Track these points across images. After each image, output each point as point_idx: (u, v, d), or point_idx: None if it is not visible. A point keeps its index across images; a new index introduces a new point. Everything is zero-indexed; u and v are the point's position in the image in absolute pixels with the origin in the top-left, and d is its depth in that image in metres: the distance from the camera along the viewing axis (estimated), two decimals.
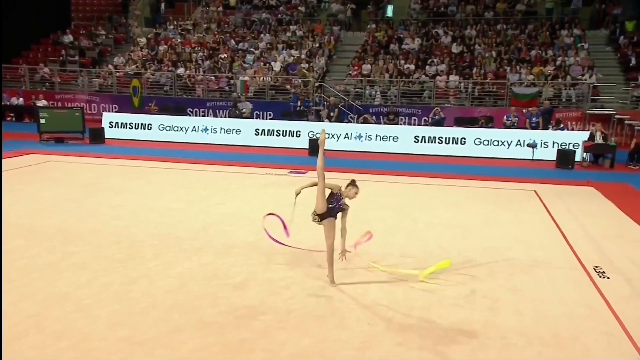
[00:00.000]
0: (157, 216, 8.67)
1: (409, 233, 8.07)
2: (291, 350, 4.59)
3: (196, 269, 6.43)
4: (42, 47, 23.98)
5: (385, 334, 4.90)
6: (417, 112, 19.05)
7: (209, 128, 17.18)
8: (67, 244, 7.10)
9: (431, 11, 23.82)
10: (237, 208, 9.39)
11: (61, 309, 5.23)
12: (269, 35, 23.72)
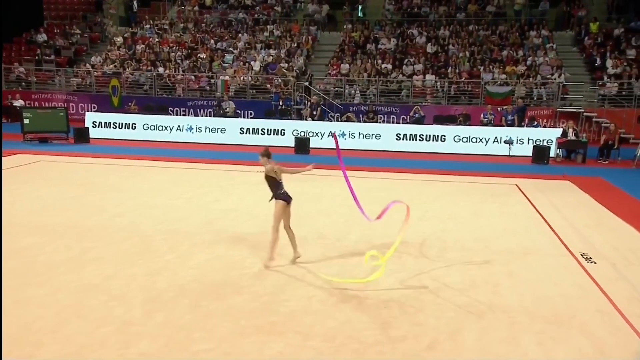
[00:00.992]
0: (160, 213, 8.95)
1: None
2: (319, 330, 5.01)
3: (213, 260, 6.79)
4: (15, 46, 23.67)
5: (401, 316, 5.36)
6: (395, 110, 19.61)
7: (194, 127, 17.39)
8: (82, 240, 7.35)
9: (405, 12, 24.45)
10: (235, 204, 9.76)
11: (95, 299, 5.53)
12: (246, 35, 23.97)
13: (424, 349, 4.70)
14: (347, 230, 8.20)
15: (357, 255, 7.04)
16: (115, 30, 25.18)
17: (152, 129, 17.55)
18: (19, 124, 18.33)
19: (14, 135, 16.08)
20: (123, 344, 4.66)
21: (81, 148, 15.27)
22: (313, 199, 10.19)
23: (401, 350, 4.67)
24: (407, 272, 6.54)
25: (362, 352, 4.64)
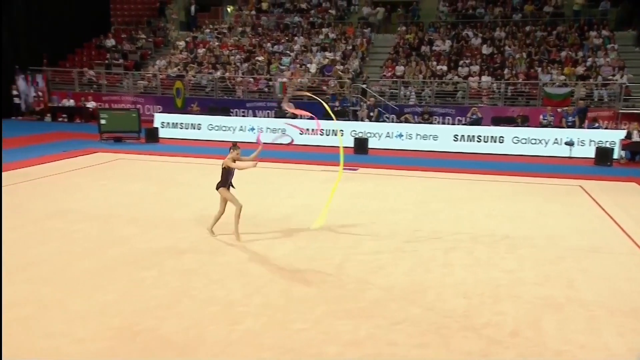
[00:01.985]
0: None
1: (473, 223, 8.81)
2: (405, 316, 5.40)
3: (296, 251, 7.27)
4: (86, 51, 24.98)
5: (481, 306, 5.69)
6: (451, 111, 19.75)
7: (256, 127, 18.02)
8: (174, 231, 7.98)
9: (460, 13, 24.50)
10: (307, 200, 10.20)
11: (198, 282, 6.09)
12: (302, 38, 24.53)
13: (507, 336, 5.02)
14: (418, 227, 8.52)
15: (430, 250, 7.40)
16: (177, 35, 26.22)
17: (216, 129, 18.29)
18: (91, 124, 19.62)
19: (91, 135, 17.09)
20: (231, 321, 5.18)
21: (152, 147, 16.09)
22: (378, 196, 10.54)
23: (485, 336, 5.00)
24: (481, 266, 6.84)
25: (448, 336, 4.99)
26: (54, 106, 21.65)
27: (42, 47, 22.46)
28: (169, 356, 4.56)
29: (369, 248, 7.46)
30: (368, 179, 12.29)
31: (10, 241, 7.27)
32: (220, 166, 7.75)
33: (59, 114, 21.35)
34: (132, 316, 5.24)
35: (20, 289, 5.74)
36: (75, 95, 22.14)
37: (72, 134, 17.79)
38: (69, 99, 21.84)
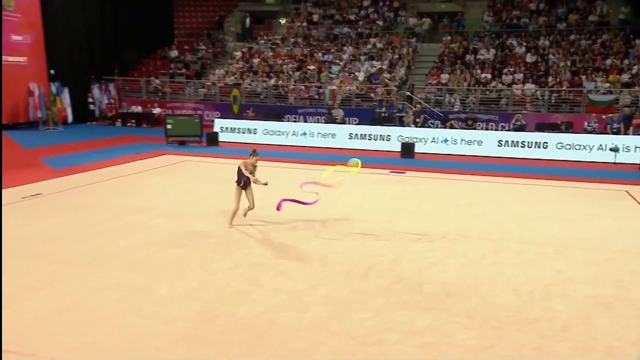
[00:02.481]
0: (296, 207, 9.69)
1: (520, 225, 8.80)
2: (459, 310, 5.53)
3: (353, 248, 7.47)
4: (152, 62, 25.91)
5: (531, 302, 5.76)
6: (494, 118, 19.54)
7: (307, 132, 18.33)
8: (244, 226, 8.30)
9: (504, 23, 24.19)
10: (358, 201, 10.39)
11: (266, 273, 6.37)
12: (351, 47, 24.72)
13: (559, 330, 5.09)
14: (467, 228, 8.58)
15: (480, 249, 7.47)
16: (235, 46, 26.83)
17: (271, 134, 18.67)
18: (156, 128, 20.38)
19: (157, 139, 17.76)
20: (299, 309, 5.44)
21: (213, 150, 16.59)
22: (426, 198, 10.61)
23: (537, 330, 5.08)
24: (530, 266, 6.87)
25: (501, 329, 5.10)
26: (124, 112, 22.55)
27: (114, 59, 23.46)
28: (246, 338, 4.84)
29: (421, 246, 7.58)
30: (415, 182, 12.36)
31: (98, 234, 7.79)
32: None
33: (128, 119, 22.22)
34: (210, 302, 5.56)
35: (113, 275, 6.18)
36: (142, 102, 23.01)
37: (140, 138, 18.52)
38: (137, 105, 22.72)
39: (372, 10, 27.03)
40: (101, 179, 11.56)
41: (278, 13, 28.77)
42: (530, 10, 24.12)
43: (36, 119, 19.40)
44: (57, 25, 20.26)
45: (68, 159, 13.94)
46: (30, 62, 19.09)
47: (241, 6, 29.09)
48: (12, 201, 9.42)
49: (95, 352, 4.52)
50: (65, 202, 9.58)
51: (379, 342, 4.81)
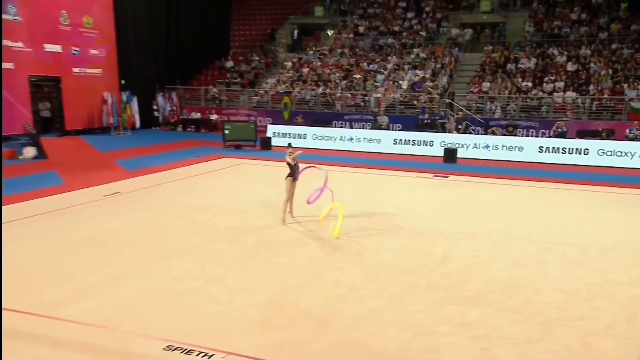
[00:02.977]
0: (352, 209, 9.84)
1: (563, 228, 8.75)
2: (506, 306, 5.64)
3: (402, 246, 7.65)
4: (209, 72, 26.67)
5: (575, 301, 5.81)
6: (535, 125, 19.22)
7: (354, 138, 18.55)
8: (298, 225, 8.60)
9: (545, 33, 23.70)
10: (405, 203, 10.50)
11: (324, 268, 6.63)
12: (395, 57, 24.76)
13: (604, 328, 5.13)
14: (511, 230, 8.60)
15: (524, 250, 7.51)
16: (285, 56, 27.28)
17: (319, 139, 18.98)
18: (214, 133, 21.02)
19: (215, 143, 18.34)
20: (357, 301, 5.67)
21: (266, 154, 17.02)
22: (470, 201, 10.64)
23: (583, 327, 5.14)
24: (573, 266, 6.88)
25: (547, 324, 5.19)
26: (185, 118, 23.33)
27: (176, 70, 24.32)
28: (311, 326, 5.10)
29: (467, 246, 7.68)
30: (459, 186, 12.38)
31: (172, 229, 8.24)
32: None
33: (188, 125, 22.97)
34: (276, 292, 5.87)
35: (189, 266, 6.58)
36: (201, 109, 23.75)
37: (199, 142, 19.14)
38: (196, 112, 23.47)
39: (415, 21, 26.99)
40: (169, 180, 12.11)
41: (326, 25, 29.04)
42: (571, 20, 23.55)
43: (108, 125, 20.32)
44: (128, 40, 21.19)
45: (138, 161, 14.62)
46: (105, 73, 20.05)
47: (291, 19, 29.53)
48: (96, 198, 10.05)
49: (181, 333, 4.88)
50: (141, 200, 10.13)
51: (432, 333, 4.99)
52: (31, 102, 17.32)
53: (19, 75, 16.56)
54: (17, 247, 7.14)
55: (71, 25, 18.35)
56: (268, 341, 4.80)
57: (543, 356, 4.59)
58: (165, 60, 23.80)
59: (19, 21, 16.32)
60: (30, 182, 11.55)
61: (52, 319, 5.10)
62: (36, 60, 17.15)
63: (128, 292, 5.79)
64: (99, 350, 4.61)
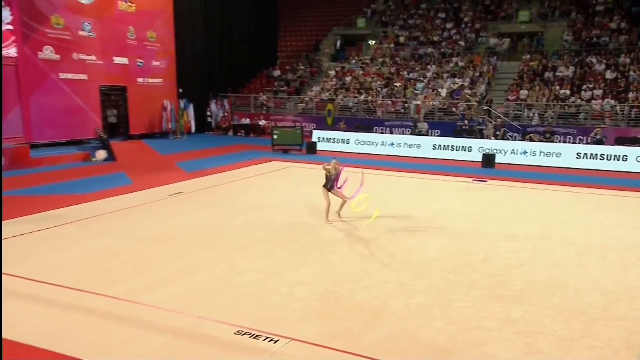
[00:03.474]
0: (391, 209, 10.05)
1: (603, 232, 8.64)
2: (549, 304, 5.69)
3: (445, 246, 7.75)
4: (258, 80, 27.29)
5: (618, 302, 5.79)
6: (572, 131, 18.82)
7: (395, 143, 18.63)
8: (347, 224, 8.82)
9: (583, 42, 23.12)
10: (446, 205, 10.54)
11: (371, 265, 6.83)
12: (434, 66, 24.68)
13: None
14: (551, 233, 8.56)
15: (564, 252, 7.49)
16: (329, 66, 27.59)
17: (362, 144, 19.15)
18: (262, 138, 21.51)
19: (263, 147, 18.77)
20: (405, 296, 5.84)
21: (312, 157, 17.25)
22: (509, 205, 10.60)
23: (624, 326, 5.15)
24: (614, 269, 6.83)
25: (589, 323, 5.22)
26: (235, 124, 23.95)
27: (228, 78, 25.01)
28: (364, 317, 5.32)
29: (508, 247, 7.71)
30: (497, 190, 12.32)
31: (232, 227, 8.61)
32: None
33: (238, 130, 23.57)
34: (331, 286, 6.11)
35: (251, 261, 6.90)
36: (250, 115, 24.34)
37: (249, 146, 19.63)
38: (246, 118, 24.07)
39: (454, 31, 26.80)
40: (225, 181, 12.57)
41: (368, 36, 29.18)
42: (611, 29, 22.90)
43: (167, 130, 21.13)
44: (186, 52, 21.98)
45: (196, 163, 15.18)
46: (165, 82, 20.85)
47: (335, 30, 29.84)
48: (162, 198, 10.57)
49: (248, 320, 5.18)
50: (201, 200, 10.57)
51: (478, 328, 5.12)
52: (101, 109, 18.21)
53: (91, 86, 17.46)
54: (99, 240, 7.67)
55: (137, 39, 19.21)
56: (326, 330, 5.04)
57: (586, 352, 4.65)
58: (218, 70, 24.52)
59: (93, 37, 17.22)
60: (103, 182, 12.24)
61: (137, 304, 5.51)
62: (106, 71, 18.03)
63: (199, 283, 6.16)
64: (177, 332, 4.97)
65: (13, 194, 10.69)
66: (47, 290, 5.83)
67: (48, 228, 8.20)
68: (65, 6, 16.14)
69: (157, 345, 4.73)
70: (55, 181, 12.23)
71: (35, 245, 7.37)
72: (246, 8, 25.69)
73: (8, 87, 14.48)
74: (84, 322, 5.11)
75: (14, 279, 6.08)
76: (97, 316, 5.25)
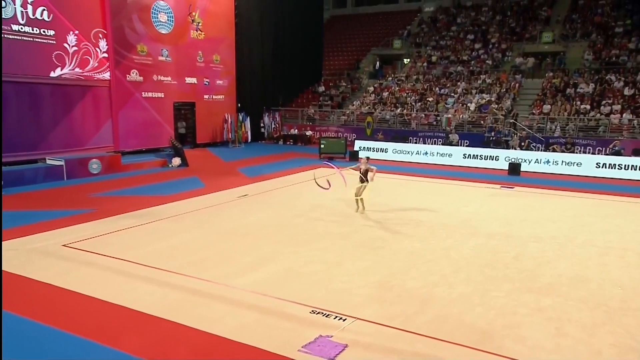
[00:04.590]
0: (432, 211, 10.38)
1: (621, 235, 8.74)
2: (574, 296, 5.97)
3: (479, 245, 8.05)
4: (305, 95, 28.00)
5: (636, 296, 6.01)
6: (592, 143, 18.56)
7: (428, 152, 18.86)
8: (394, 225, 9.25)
9: (603, 61, 22.69)
10: (477, 209, 10.74)
11: (415, 261, 7.24)
12: (464, 83, 24.72)
13: None
14: (574, 235, 8.74)
15: (586, 253, 7.69)
16: (368, 82, 28.00)
17: (398, 153, 19.46)
18: (308, 147, 22.09)
19: (311, 155, 19.25)
20: (448, 287, 6.24)
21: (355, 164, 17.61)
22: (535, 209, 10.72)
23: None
24: (633, 268, 7.00)
25: (611, 313, 5.51)
26: (285, 134, 24.65)
27: (279, 94, 25.81)
28: (415, 303, 5.75)
29: (535, 247, 7.96)
30: (524, 196, 12.45)
31: (294, 225, 9.15)
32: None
33: (288, 139, 24.25)
34: (384, 277, 6.57)
35: (314, 254, 7.43)
36: (298, 126, 25.01)
37: (298, 154, 20.15)
38: (294, 129, 24.75)
39: (482, 51, 26.74)
40: (282, 185, 13.17)
41: (403, 55, 29.44)
42: (629, 49, 22.40)
43: (227, 139, 22.03)
44: (244, 72, 22.87)
45: (255, 169, 15.87)
46: (226, 98, 21.79)
47: (373, 51, 30.27)
48: (232, 199, 11.26)
49: (318, 302, 5.70)
50: (265, 201, 11.20)
51: (513, 314, 5.49)
52: (174, 121, 19.27)
53: (167, 102, 18.52)
54: (189, 233, 8.40)
55: (204, 62, 20.20)
56: (384, 312, 5.52)
57: (607, 337, 4.96)
58: (271, 87, 25.32)
59: (169, 61, 18.29)
60: (181, 185, 13.04)
61: (228, 287, 6.15)
62: (179, 90, 19.08)
63: (274, 271, 6.75)
64: (263, 310, 5.55)
65: (114, 194, 11.67)
66: (157, 273, 6.56)
67: (147, 223, 9.01)
68: (149, 36, 17.24)
69: (249, 320, 5.32)
70: (143, 184, 13.14)
71: (141, 237, 8.17)
72: (296, 32, 26.43)
73: (102, 104, 15.65)
74: (190, 300, 5.78)
75: (129, 264, 6.85)
76: (199, 295, 5.91)
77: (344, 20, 35.89)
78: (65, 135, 14.41)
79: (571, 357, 4.59)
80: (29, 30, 13.17)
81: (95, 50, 15.20)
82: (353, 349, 4.70)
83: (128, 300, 5.69)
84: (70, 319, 5.28)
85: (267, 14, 24.01)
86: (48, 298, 5.80)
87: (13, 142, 12.76)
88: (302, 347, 4.73)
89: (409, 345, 4.80)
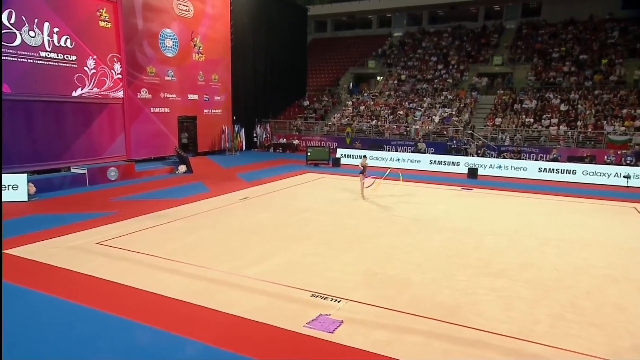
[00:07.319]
0: (412, 211, 10.91)
1: (558, 229, 9.41)
2: (521, 278, 6.58)
3: (447, 239, 8.57)
4: (292, 109, 28.38)
5: (567, 276, 6.65)
6: (535, 150, 19.55)
7: (400, 158, 19.50)
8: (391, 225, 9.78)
9: (543, 81, 23.84)
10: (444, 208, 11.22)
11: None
12: (429, 98, 25.53)
13: (584, 293, 6.04)
14: (521, 229, 9.35)
15: (530, 242, 8.35)
16: (346, 97, 28.58)
17: (374, 159, 19.95)
18: (296, 154, 22.47)
19: (298, 161, 19.58)
20: (422, 273, 6.77)
21: (337, 170, 18.16)
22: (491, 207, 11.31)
23: (571, 292, 6.06)
24: (565, 254, 7.66)
25: (548, 291, 6.16)
26: (275, 143, 24.97)
27: (269, 107, 26.16)
28: (396, 286, 6.27)
29: (491, 240, 8.52)
30: (481, 196, 13.10)
31: (291, 224, 9.50)
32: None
33: (277, 147, 24.58)
34: (369, 266, 7.05)
35: (310, 248, 7.86)
36: (286, 136, 25.34)
37: (287, 160, 20.44)
38: (283, 138, 25.10)
39: (444, 72, 27.63)
40: (277, 189, 13.42)
41: (376, 74, 30.15)
42: (564, 71, 23.61)
43: (224, 148, 22.26)
44: (239, 88, 23.13)
45: (251, 174, 16.09)
46: (223, 112, 22.02)
47: (351, 70, 30.89)
48: (234, 202, 11.53)
49: (317, 287, 6.18)
50: (264, 203, 11.50)
51: (473, 294, 6.08)
52: (178, 133, 19.44)
53: (172, 116, 18.69)
54: (202, 232, 8.74)
55: (205, 81, 20.43)
56: (371, 294, 6.04)
57: (544, 308, 5.61)
58: (263, 101, 25.65)
59: (174, 81, 18.49)
60: (188, 189, 13.21)
61: (241, 276, 6.57)
62: (182, 105, 19.27)
63: (278, 262, 7.18)
64: (272, 295, 5.98)
65: (132, 198, 11.87)
66: (180, 266, 6.93)
67: (165, 223, 9.32)
68: (157, 59, 17.42)
69: (261, 303, 5.76)
70: (155, 189, 13.31)
71: (162, 236, 8.48)
72: (284, 54, 26.80)
73: (116, 119, 15.76)
74: (210, 288, 6.19)
75: (156, 258, 7.20)
76: (217, 284, 6.32)
77: (325, 42, 36.43)
78: (85, 146, 14.51)
79: (518, 326, 5.21)
80: (54, 56, 13.26)
81: (110, 72, 15.34)
82: (348, 324, 5.21)
83: (159, 288, 6.06)
84: (113, 303, 5.64)
85: (258, 38, 24.38)
86: (92, 287, 6.13)
87: (42, 154, 12.86)
88: (306, 324, 5.21)
89: (392, 320, 5.34)
